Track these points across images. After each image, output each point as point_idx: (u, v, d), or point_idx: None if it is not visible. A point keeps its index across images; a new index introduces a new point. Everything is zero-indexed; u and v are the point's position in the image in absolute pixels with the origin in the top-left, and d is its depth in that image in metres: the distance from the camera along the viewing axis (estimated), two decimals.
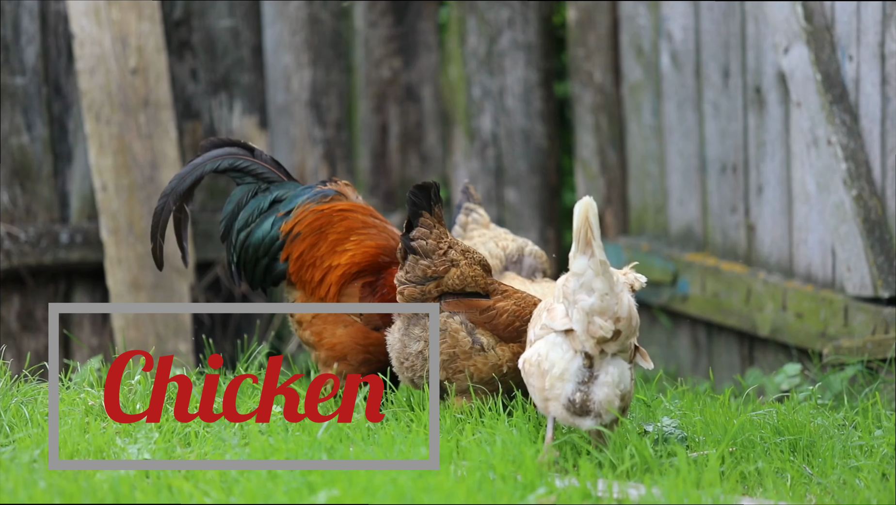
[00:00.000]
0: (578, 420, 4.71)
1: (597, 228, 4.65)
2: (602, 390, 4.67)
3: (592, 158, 8.07)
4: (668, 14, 7.61)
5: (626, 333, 4.66)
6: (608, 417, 4.68)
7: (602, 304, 4.64)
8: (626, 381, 4.70)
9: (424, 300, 5.07)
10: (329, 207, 5.34)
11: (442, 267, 5.06)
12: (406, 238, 5.07)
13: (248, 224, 5.35)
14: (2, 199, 7.55)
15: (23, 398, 5.13)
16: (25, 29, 7.54)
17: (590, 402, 4.68)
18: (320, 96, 8.10)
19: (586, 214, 4.63)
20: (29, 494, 4.11)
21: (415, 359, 5.08)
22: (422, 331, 5.07)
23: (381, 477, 4.18)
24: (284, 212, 5.33)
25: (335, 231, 5.31)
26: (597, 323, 4.64)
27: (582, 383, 4.68)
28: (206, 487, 4.20)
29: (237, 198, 5.38)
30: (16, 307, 7.63)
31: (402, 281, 5.07)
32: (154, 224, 5.34)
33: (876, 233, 6.51)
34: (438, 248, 5.06)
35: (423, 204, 5.07)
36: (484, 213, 5.99)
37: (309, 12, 8.04)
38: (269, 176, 5.39)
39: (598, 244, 4.64)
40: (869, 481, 4.55)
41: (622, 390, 4.69)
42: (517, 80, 8.20)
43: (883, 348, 6.35)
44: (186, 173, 5.35)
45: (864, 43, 6.52)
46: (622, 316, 4.65)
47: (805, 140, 6.80)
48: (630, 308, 4.67)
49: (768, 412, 5.15)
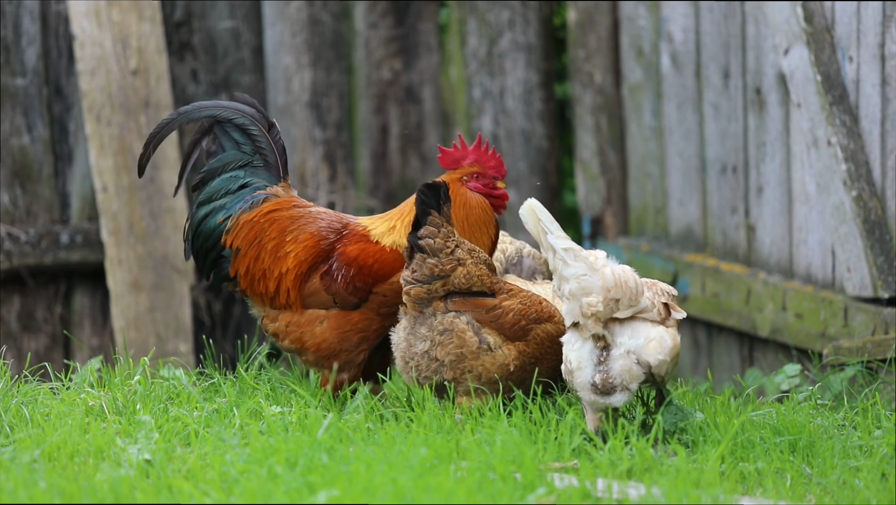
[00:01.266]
0: (608, 399, 4.86)
1: (549, 222, 4.82)
2: (617, 363, 4.81)
3: (593, 159, 8.08)
4: (669, 15, 7.62)
5: (626, 298, 4.78)
6: (636, 385, 4.80)
7: (581, 285, 4.81)
8: (657, 336, 4.82)
9: (430, 300, 5.08)
10: (257, 214, 5.28)
11: (449, 266, 5.06)
12: (414, 236, 5.07)
13: (210, 200, 5.34)
14: (2, 200, 7.55)
15: (23, 399, 5.14)
16: (26, 30, 7.54)
17: (610, 378, 4.80)
18: (321, 97, 8.11)
19: (534, 214, 4.82)
20: (29, 494, 4.11)
21: (420, 359, 5.08)
22: (428, 330, 5.07)
23: (381, 477, 4.18)
24: (224, 218, 5.31)
25: (269, 237, 5.25)
26: (585, 302, 4.78)
27: (599, 364, 4.83)
28: (206, 487, 4.20)
29: (226, 160, 5.35)
30: (16, 308, 7.63)
31: (409, 280, 5.08)
32: (153, 133, 5.32)
33: (876, 233, 6.51)
34: (446, 246, 5.07)
35: (433, 203, 5.08)
36: None
37: (309, 13, 8.04)
38: (267, 157, 5.35)
39: (554, 236, 4.81)
40: (868, 481, 4.55)
41: (654, 346, 4.81)
42: (517, 81, 8.20)
43: (883, 349, 6.35)
44: (205, 105, 5.35)
45: (865, 44, 6.52)
46: (610, 286, 4.77)
47: (805, 141, 6.80)
48: (616, 276, 4.79)
49: (768, 412, 5.16)
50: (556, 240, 4.83)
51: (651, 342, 4.82)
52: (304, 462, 4.37)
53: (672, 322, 4.89)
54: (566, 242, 4.84)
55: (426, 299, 5.08)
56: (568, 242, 4.84)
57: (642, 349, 4.82)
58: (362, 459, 4.36)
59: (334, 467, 4.30)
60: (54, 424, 4.85)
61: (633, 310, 4.83)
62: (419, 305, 5.09)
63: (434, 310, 5.09)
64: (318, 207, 5.32)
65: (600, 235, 8.10)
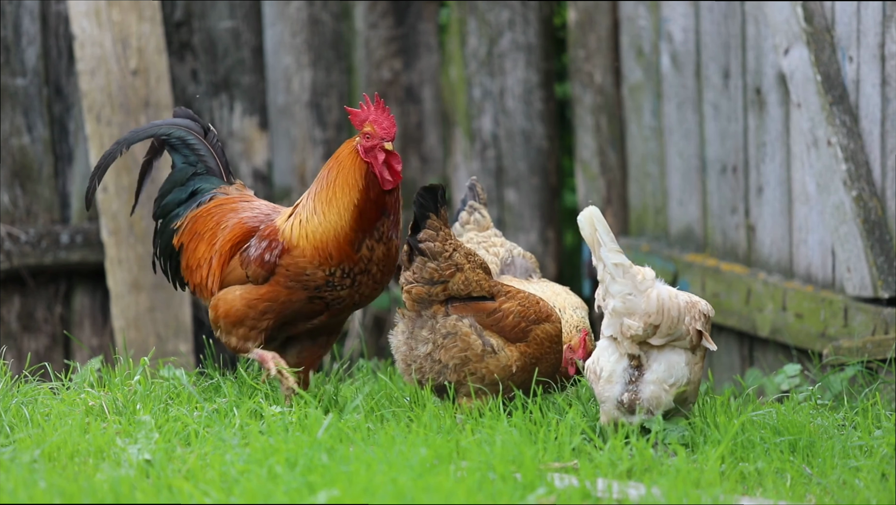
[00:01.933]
0: (629, 417, 4.90)
1: (605, 234, 4.79)
2: (648, 388, 4.85)
3: (593, 159, 8.07)
4: (669, 15, 7.61)
5: (666, 326, 4.80)
6: (661, 411, 4.82)
7: (625, 305, 4.82)
8: (679, 372, 4.84)
9: (431, 302, 5.10)
10: (202, 210, 5.45)
11: (448, 272, 5.08)
12: (413, 239, 5.09)
13: (166, 214, 5.52)
14: (2, 200, 7.55)
15: (23, 399, 5.13)
16: (26, 30, 7.54)
17: (638, 400, 4.84)
18: (321, 97, 8.10)
19: (591, 223, 4.79)
20: (29, 494, 4.11)
21: (423, 361, 5.10)
22: (430, 333, 5.09)
23: (381, 477, 4.18)
24: (177, 224, 5.45)
25: (207, 229, 5.41)
26: (626, 323, 4.80)
27: (630, 383, 4.87)
28: (206, 487, 4.20)
29: (175, 177, 5.54)
30: (16, 308, 7.63)
31: (410, 280, 5.09)
32: (97, 165, 5.56)
33: (876, 233, 6.51)
34: (444, 250, 5.08)
35: (430, 206, 5.10)
36: (486, 214, 6.03)
37: (309, 13, 8.04)
38: (208, 161, 5.52)
39: (607, 249, 4.80)
40: (868, 481, 4.55)
41: (672, 384, 4.83)
42: (517, 81, 8.20)
43: (883, 349, 6.35)
44: (141, 129, 5.57)
45: (865, 44, 6.52)
46: (652, 312, 4.79)
47: (805, 141, 6.80)
48: (661, 302, 4.81)
49: (768, 412, 5.16)
50: (609, 253, 4.84)
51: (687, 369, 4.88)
52: (304, 462, 4.36)
53: (700, 352, 4.91)
54: (618, 258, 4.85)
55: (426, 301, 5.09)
56: (619, 258, 4.85)
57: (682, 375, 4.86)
58: (362, 459, 4.36)
59: (334, 467, 4.30)
60: (54, 425, 4.84)
61: (670, 338, 4.86)
62: (419, 305, 5.10)
63: (434, 312, 5.10)
64: (265, 203, 5.46)
65: None
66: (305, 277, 5.22)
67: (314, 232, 5.21)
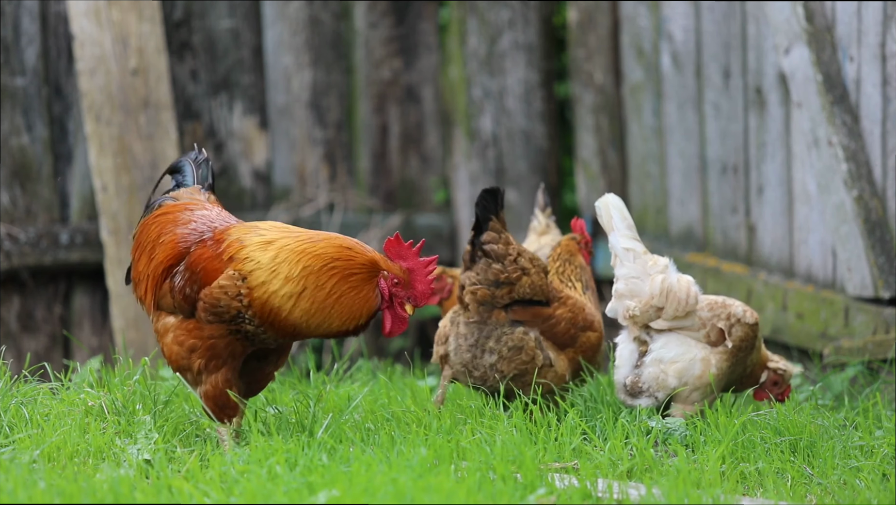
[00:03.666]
0: (634, 401, 4.98)
1: (619, 220, 4.87)
2: (648, 369, 4.88)
3: (593, 159, 8.07)
4: (669, 15, 7.61)
5: (672, 309, 4.83)
6: (663, 394, 4.84)
7: (627, 286, 4.91)
8: (685, 358, 4.87)
9: (494, 305, 5.10)
10: (150, 218, 5.01)
11: (515, 274, 5.11)
12: (477, 241, 5.10)
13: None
14: (2, 200, 7.54)
15: (22, 399, 5.13)
16: (26, 30, 7.54)
17: (640, 382, 4.86)
18: (321, 97, 8.10)
19: (608, 210, 4.89)
20: (29, 495, 4.10)
21: (489, 371, 5.14)
22: (496, 343, 5.12)
23: (381, 477, 4.18)
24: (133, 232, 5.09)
25: (150, 240, 4.96)
26: (626, 304, 4.84)
27: (635, 367, 4.91)
28: (206, 487, 4.20)
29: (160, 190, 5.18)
30: (16, 308, 7.63)
31: (475, 281, 5.10)
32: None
33: (876, 233, 6.50)
34: (508, 253, 5.11)
35: (492, 208, 5.11)
36: (543, 218, 6.07)
37: (309, 13, 8.04)
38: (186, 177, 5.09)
39: (617, 235, 4.87)
40: (869, 482, 4.55)
41: (678, 368, 4.85)
42: (518, 80, 8.20)
43: (883, 349, 6.35)
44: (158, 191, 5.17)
45: (865, 44, 6.51)
46: (655, 294, 4.83)
47: (806, 141, 6.79)
48: (667, 285, 4.84)
49: (769, 412, 5.15)
50: (619, 238, 4.90)
51: (676, 364, 4.89)
52: (304, 462, 4.36)
53: (722, 348, 4.91)
54: (628, 243, 4.91)
55: (489, 303, 5.10)
56: (630, 243, 4.91)
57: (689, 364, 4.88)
58: (362, 459, 4.35)
59: (334, 467, 4.29)
60: (54, 425, 4.84)
61: (676, 323, 4.87)
62: (483, 307, 5.11)
63: (497, 320, 5.12)
64: (211, 211, 4.98)
65: (601, 235, 8.10)
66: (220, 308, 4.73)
67: (273, 296, 4.67)
